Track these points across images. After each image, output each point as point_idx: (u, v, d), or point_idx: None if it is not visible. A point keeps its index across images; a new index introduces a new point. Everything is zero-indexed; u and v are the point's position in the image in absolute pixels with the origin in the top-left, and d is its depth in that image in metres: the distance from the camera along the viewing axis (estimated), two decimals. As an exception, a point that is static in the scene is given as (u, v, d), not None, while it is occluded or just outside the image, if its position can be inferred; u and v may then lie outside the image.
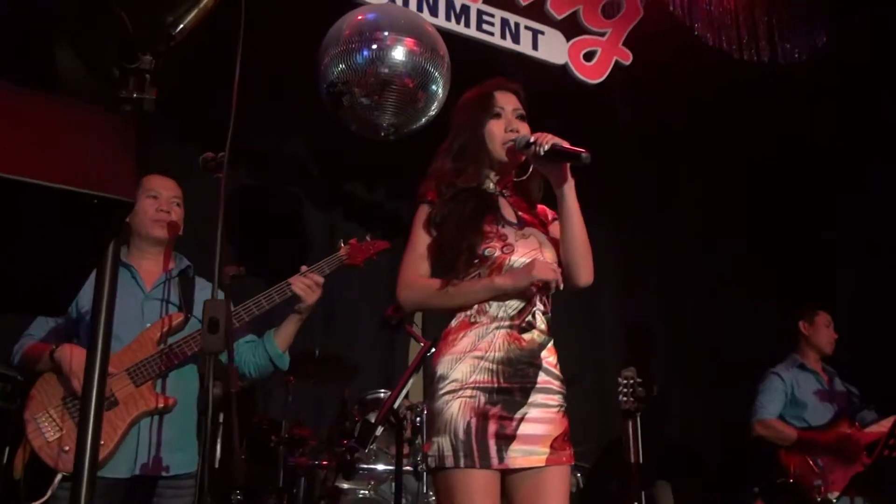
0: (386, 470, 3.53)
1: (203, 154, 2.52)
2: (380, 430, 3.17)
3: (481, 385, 2.05)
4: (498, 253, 2.13)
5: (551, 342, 2.18)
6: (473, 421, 2.01)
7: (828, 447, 3.76)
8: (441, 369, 2.10)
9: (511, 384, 2.06)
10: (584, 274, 2.19)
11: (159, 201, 2.79)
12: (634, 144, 5.52)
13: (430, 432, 2.09)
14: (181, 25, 1.32)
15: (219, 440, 1.84)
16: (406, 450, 3.47)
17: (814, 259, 5.24)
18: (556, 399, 2.12)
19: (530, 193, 2.33)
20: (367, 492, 3.56)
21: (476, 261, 2.12)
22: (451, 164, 2.25)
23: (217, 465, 1.84)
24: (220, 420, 1.84)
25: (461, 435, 2.00)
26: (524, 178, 2.29)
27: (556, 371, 2.15)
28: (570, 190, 2.16)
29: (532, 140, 2.15)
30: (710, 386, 5.27)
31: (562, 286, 2.14)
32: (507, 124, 2.25)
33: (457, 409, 2.03)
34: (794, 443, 3.80)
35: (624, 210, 5.52)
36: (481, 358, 2.07)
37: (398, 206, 5.11)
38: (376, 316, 4.66)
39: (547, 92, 3.98)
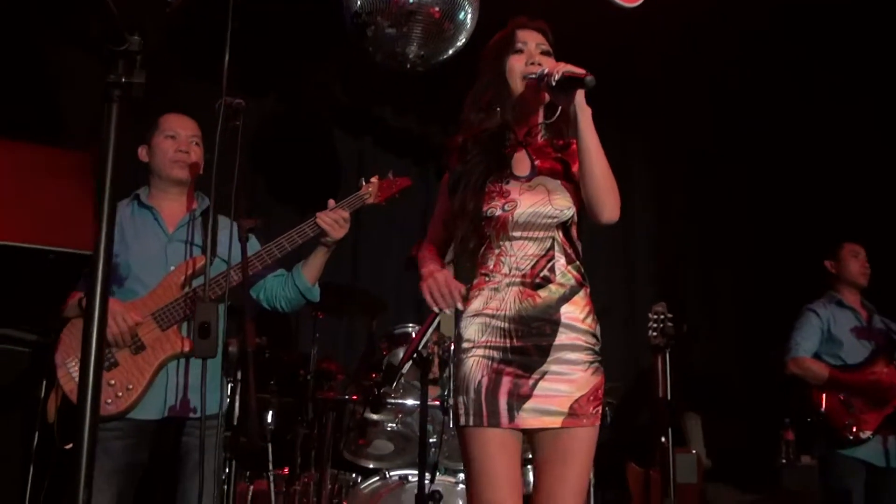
0: (414, 404, 3.56)
1: (221, 99, 2.46)
2: (407, 367, 3.21)
3: (493, 344, 2.02)
4: (499, 212, 2.07)
5: (580, 293, 2.06)
6: (485, 380, 1.99)
7: (861, 387, 3.70)
8: (459, 328, 2.08)
9: (525, 343, 2.01)
10: (607, 210, 2.04)
11: (178, 141, 2.76)
12: (669, 73, 5.32)
13: (453, 389, 2.09)
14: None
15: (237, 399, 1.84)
16: (433, 384, 3.51)
17: (853, 190, 5.06)
18: (583, 356, 2.02)
19: (562, 133, 2.22)
20: (394, 425, 3.62)
21: (482, 223, 2.07)
22: (475, 111, 2.17)
23: (236, 424, 1.86)
24: (238, 378, 1.84)
25: (472, 394, 1.99)
26: (553, 119, 2.17)
27: (584, 325, 2.04)
28: (583, 118, 2.02)
29: (546, 71, 2.04)
30: (743, 320, 5.22)
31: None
32: (528, 58, 2.14)
33: (470, 367, 2.02)
34: (826, 382, 3.75)
35: (660, 139, 5.37)
36: (492, 316, 2.03)
37: (427, 131, 5.05)
38: (405, 251, 4.66)
39: (583, 21, 3.83)
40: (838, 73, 5.12)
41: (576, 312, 2.05)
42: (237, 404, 1.89)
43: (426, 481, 2.95)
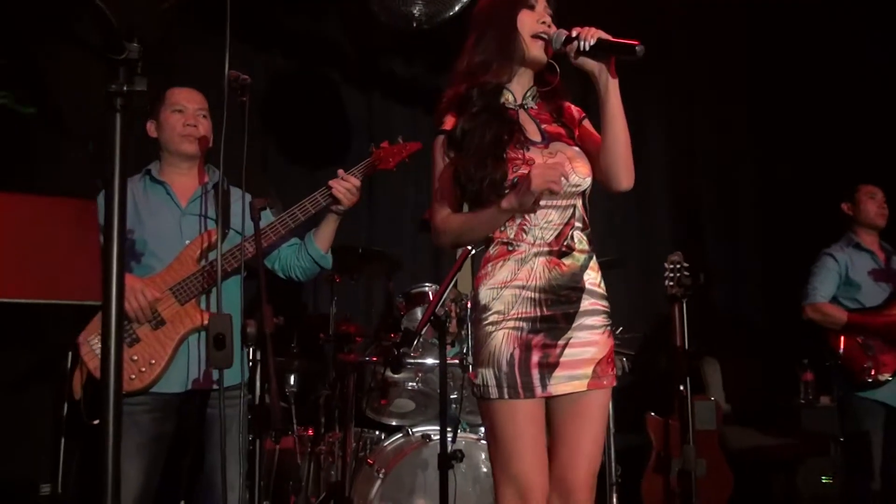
0: (434, 363, 3.60)
1: (228, 72, 2.44)
2: (425, 330, 3.23)
3: (524, 316, 2.02)
4: None
5: (593, 259, 2.11)
6: (517, 353, 2.00)
7: (879, 329, 3.69)
8: (483, 299, 2.06)
9: (554, 311, 2.02)
10: (626, 178, 2.07)
11: (185, 115, 2.74)
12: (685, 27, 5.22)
13: (476, 361, 2.09)
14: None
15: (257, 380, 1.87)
16: (452, 341, 3.55)
17: (876, 131, 4.97)
18: (601, 319, 2.07)
19: (556, 97, 2.20)
20: (415, 383, 3.67)
21: (506, 191, 2.02)
22: (480, 58, 2.10)
23: (258, 403, 1.89)
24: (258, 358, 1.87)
25: (504, 367, 1.99)
26: (551, 86, 2.15)
27: (600, 289, 2.09)
28: (614, 89, 2.03)
29: (574, 34, 2.01)
30: (763, 262, 5.20)
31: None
32: (538, 17, 2.11)
33: (500, 340, 2.01)
34: (844, 325, 3.75)
35: (676, 84, 5.29)
36: (523, 287, 2.03)
37: (437, 80, 4.97)
38: (420, 208, 4.66)
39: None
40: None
41: (594, 278, 2.09)
42: (258, 378, 1.92)
43: (448, 439, 3.01)
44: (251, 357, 2.00)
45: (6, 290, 0.81)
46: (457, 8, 3.44)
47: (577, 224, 2.09)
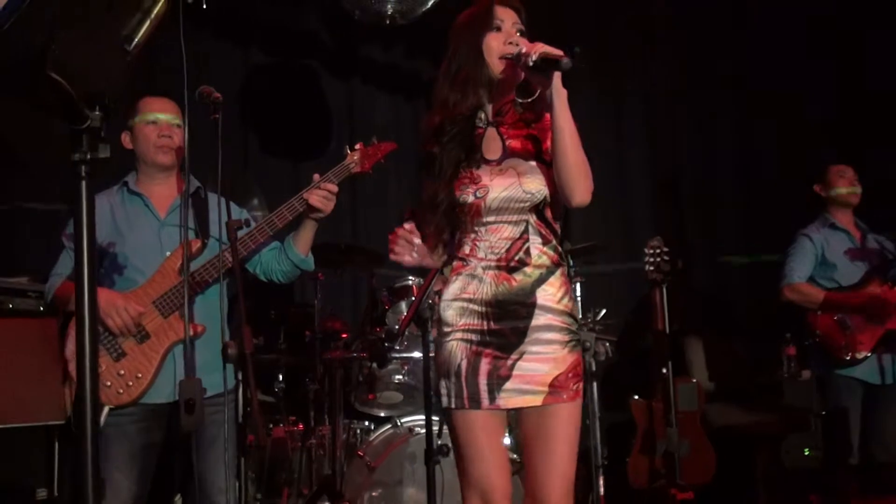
0: (420, 356, 3.65)
1: (200, 88, 2.45)
2: (407, 330, 3.28)
3: (472, 328, 2.06)
4: (472, 198, 2.08)
5: (555, 274, 2.09)
6: (464, 363, 2.04)
7: (856, 308, 3.74)
8: (441, 310, 2.13)
9: (502, 326, 2.04)
10: (579, 193, 2.04)
11: (159, 126, 2.75)
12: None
13: (434, 373, 2.16)
14: (135, 40, 1.26)
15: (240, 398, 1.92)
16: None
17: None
18: (559, 336, 2.06)
19: (535, 109, 2.22)
20: (401, 376, 3.73)
21: (456, 210, 2.09)
22: (449, 89, 2.14)
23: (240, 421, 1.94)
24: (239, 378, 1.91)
25: (453, 377, 2.05)
26: (530, 100, 2.15)
27: (560, 305, 2.08)
28: (558, 100, 2.00)
29: (524, 51, 2.02)
30: (740, 242, 5.25)
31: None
32: (506, 38, 2.11)
33: (450, 350, 2.07)
34: (821, 304, 3.81)
35: (651, 60, 5.29)
36: (470, 300, 2.07)
37: (416, 64, 4.99)
38: (402, 200, 4.69)
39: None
40: None
41: (551, 294, 2.08)
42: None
43: (434, 433, 3.07)
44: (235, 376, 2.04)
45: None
46: (430, 4, 3.44)
47: (534, 238, 2.09)
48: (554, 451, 2.03)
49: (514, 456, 3.24)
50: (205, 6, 1.65)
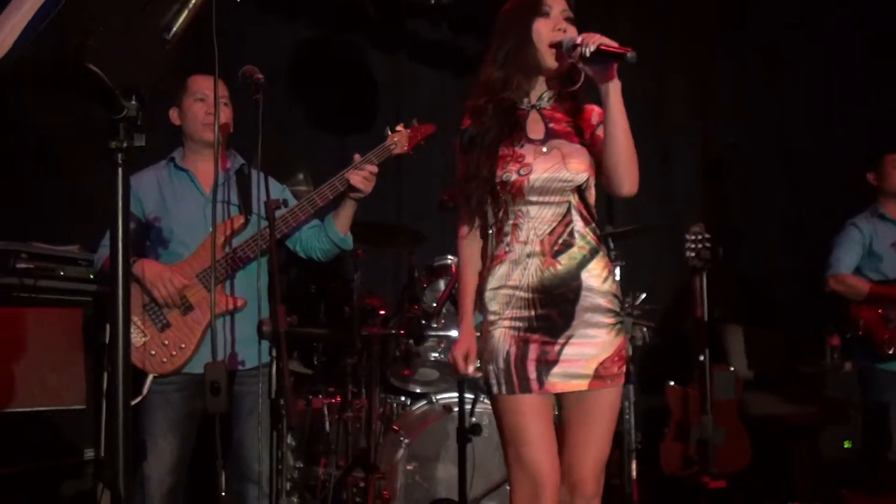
0: (456, 334, 3.69)
1: (243, 68, 2.51)
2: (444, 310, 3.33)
3: (518, 316, 2.09)
4: (514, 176, 2.09)
5: (598, 255, 2.13)
6: (513, 349, 2.07)
7: None
8: (484, 298, 2.14)
9: (549, 311, 2.07)
10: (627, 183, 2.08)
11: (207, 104, 2.81)
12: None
13: (481, 358, 2.17)
14: (173, 30, 1.30)
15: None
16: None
17: None
18: (605, 319, 2.10)
19: (577, 98, 2.23)
20: (437, 354, 3.78)
21: (498, 188, 2.10)
22: (499, 73, 2.16)
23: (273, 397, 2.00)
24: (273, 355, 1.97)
25: (501, 363, 2.07)
26: (574, 88, 2.18)
27: (606, 287, 2.11)
28: (615, 92, 2.04)
29: (578, 41, 2.04)
30: (785, 232, 5.16)
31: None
32: (555, 24, 2.13)
33: (498, 337, 2.09)
34: (867, 297, 3.75)
35: (700, 35, 5.21)
36: (516, 287, 2.09)
37: (462, 41, 4.98)
38: (447, 177, 4.69)
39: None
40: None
41: (596, 275, 2.11)
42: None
43: (467, 412, 3.13)
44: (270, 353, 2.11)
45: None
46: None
47: (576, 219, 2.12)
48: (592, 434, 2.09)
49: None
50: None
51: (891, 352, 3.69)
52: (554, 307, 2.08)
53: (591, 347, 2.08)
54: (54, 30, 0.95)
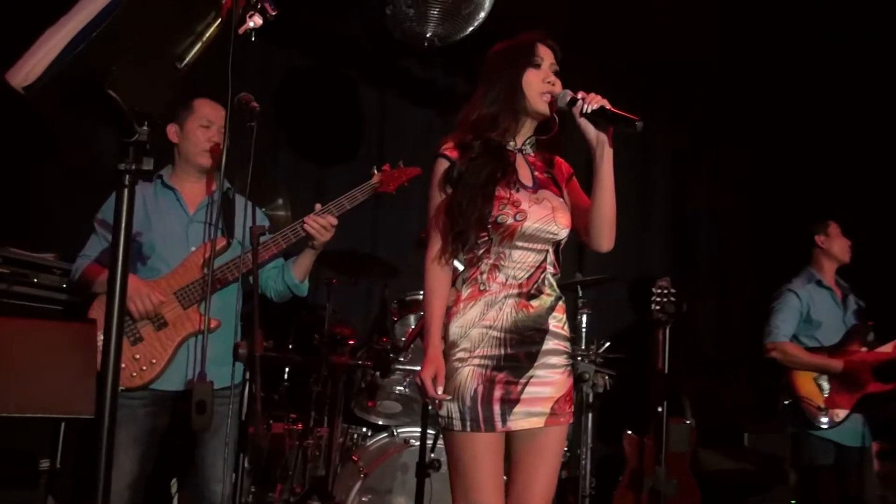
0: (421, 369, 3.74)
1: (239, 94, 2.57)
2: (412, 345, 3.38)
3: (489, 354, 2.15)
4: (511, 220, 2.17)
5: (560, 302, 2.26)
6: (480, 388, 2.12)
7: (838, 373, 3.77)
8: (453, 335, 2.19)
9: (518, 351, 2.16)
10: (607, 242, 2.22)
11: (211, 131, 2.87)
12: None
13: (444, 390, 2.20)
14: (186, 60, 1.37)
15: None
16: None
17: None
18: (562, 360, 2.21)
19: (551, 148, 2.34)
20: (402, 388, 3.82)
21: (489, 226, 2.17)
22: (487, 112, 2.24)
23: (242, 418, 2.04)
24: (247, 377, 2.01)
25: (468, 402, 2.12)
26: (546, 136, 2.30)
27: (563, 331, 2.24)
28: (608, 158, 2.16)
29: (580, 97, 2.15)
30: (746, 297, 5.29)
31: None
32: (544, 76, 2.25)
33: (466, 376, 2.14)
34: (803, 366, 3.84)
35: (679, 106, 5.39)
36: (490, 327, 2.16)
37: (453, 81, 5.08)
38: (425, 215, 4.75)
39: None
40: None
41: (558, 321, 2.24)
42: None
43: (428, 447, 3.17)
44: (243, 375, 2.15)
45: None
46: (469, 30, 3.55)
47: (549, 268, 2.24)
48: (542, 468, 2.16)
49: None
50: (253, 39, 1.75)
51: (825, 419, 3.76)
52: (522, 347, 2.16)
53: (549, 387, 2.17)
54: (85, 57, 1.02)
